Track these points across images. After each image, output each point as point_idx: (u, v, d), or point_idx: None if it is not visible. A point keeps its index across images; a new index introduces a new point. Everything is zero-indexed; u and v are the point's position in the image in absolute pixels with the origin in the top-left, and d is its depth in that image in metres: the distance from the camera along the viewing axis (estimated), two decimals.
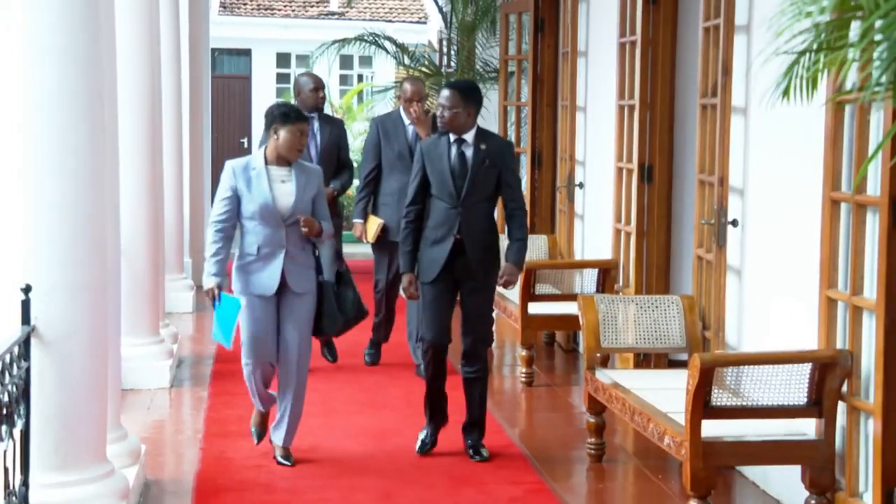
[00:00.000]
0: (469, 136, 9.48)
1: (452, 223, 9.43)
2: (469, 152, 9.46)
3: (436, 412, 9.87)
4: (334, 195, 12.44)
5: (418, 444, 9.85)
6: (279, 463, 9.27)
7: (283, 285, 9.16)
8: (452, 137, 9.50)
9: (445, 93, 9.47)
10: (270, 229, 9.11)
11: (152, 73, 12.29)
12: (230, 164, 9.27)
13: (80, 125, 7.55)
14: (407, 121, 12.40)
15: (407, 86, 12.76)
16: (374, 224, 12.42)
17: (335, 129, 13.16)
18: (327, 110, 16.36)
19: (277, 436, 9.37)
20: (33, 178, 7.40)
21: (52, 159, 7.43)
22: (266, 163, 9.17)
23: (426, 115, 12.21)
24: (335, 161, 12.95)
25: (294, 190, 9.16)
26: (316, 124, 12.81)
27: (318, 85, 12.91)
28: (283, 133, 9.04)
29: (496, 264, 9.65)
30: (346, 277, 9.71)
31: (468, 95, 9.47)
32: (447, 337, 9.72)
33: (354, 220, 12.88)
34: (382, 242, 12.51)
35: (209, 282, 9.06)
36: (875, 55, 4.33)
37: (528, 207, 12.13)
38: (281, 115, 9.11)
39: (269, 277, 9.14)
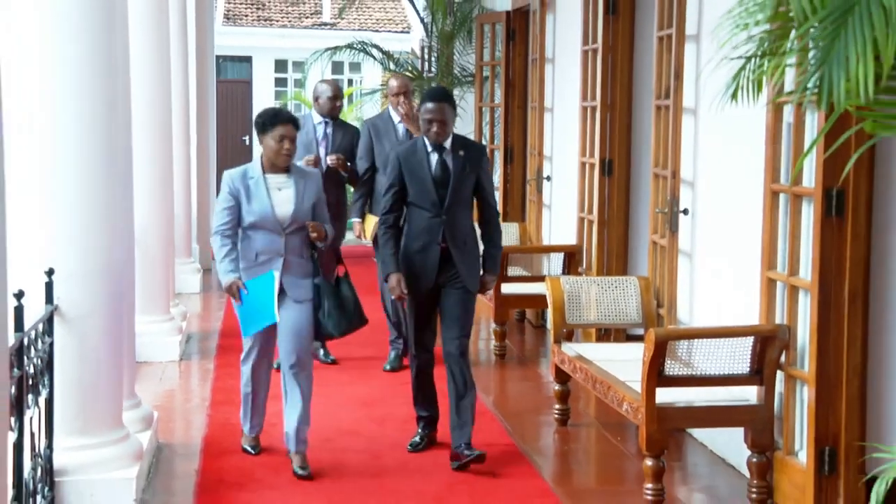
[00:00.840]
0: (447, 143, 8.59)
1: (436, 232, 8.57)
2: (449, 160, 8.57)
3: (425, 408, 9.03)
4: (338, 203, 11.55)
5: (411, 443, 8.99)
6: (297, 475, 8.16)
7: (280, 293, 8.28)
8: (430, 145, 8.59)
9: (436, 105, 8.45)
10: (269, 237, 8.33)
11: (162, 78, 12.28)
12: (228, 174, 8.46)
13: (97, 126, 7.56)
14: (397, 119, 11.45)
15: (392, 81, 11.98)
16: (372, 222, 11.20)
17: (348, 136, 11.94)
18: None
19: (290, 444, 8.35)
20: (54, 175, 7.43)
21: (70, 159, 7.45)
22: (264, 171, 8.34)
23: (414, 112, 11.13)
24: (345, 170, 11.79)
25: (293, 197, 8.32)
26: (329, 129, 11.86)
27: (337, 93, 11.91)
28: (266, 141, 8.23)
29: (478, 267, 8.85)
30: (346, 281, 8.79)
31: (452, 103, 8.65)
32: (434, 342, 8.95)
33: (353, 220, 12.02)
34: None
35: (228, 279, 8.27)
36: (809, 61, 4.35)
37: (500, 198, 12.09)
38: (259, 126, 8.29)
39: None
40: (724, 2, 6.74)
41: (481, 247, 8.97)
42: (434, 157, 8.56)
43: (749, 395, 7.83)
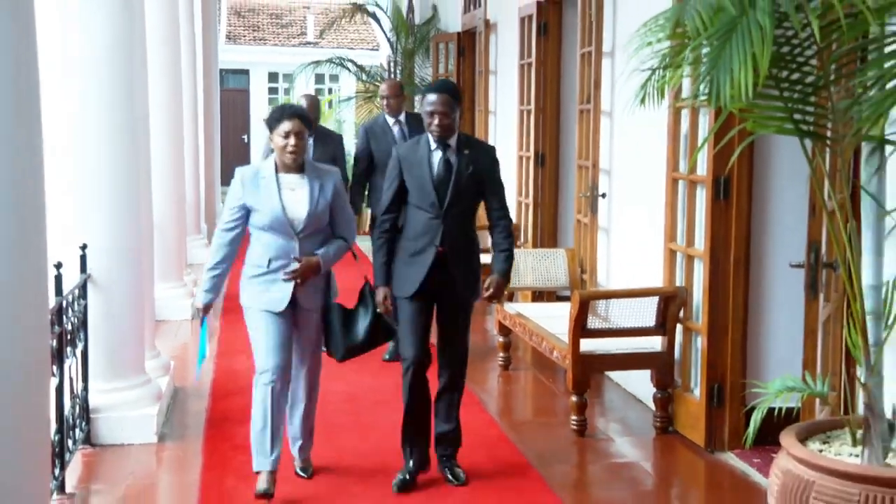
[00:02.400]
0: (452, 141, 6.66)
1: (434, 234, 6.62)
2: (453, 159, 6.65)
3: (417, 443, 6.82)
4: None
5: (396, 482, 6.71)
6: (298, 475, 6.82)
7: (292, 301, 6.44)
8: (433, 143, 6.66)
9: (437, 97, 6.56)
10: (282, 241, 6.40)
11: (175, 88, 12.23)
12: (239, 172, 6.57)
13: (122, 128, 7.59)
14: (391, 121, 9.97)
15: (382, 86, 10.50)
16: (367, 215, 10.22)
17: (330, 146, 10.18)
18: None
19: (295, 451, 6.86)
20: (87, 169, 7.47)
21: (100, 154, 7.48)
22: (276, 170, 6.44)
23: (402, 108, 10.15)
24: None
25: (307, 198, 6.43)
26: (311, 141, 9.38)
27: (310, 105, 10.08)
28: (273, 139, 6.39)
29: (477, 276, 6.91)
30: (366, 296, 6.76)
31: (456, 96, 6.69)
32: (429, 356, 6.77)
33: None
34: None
35: (200, 298, 6.67)
36: (701, 71, 4.38)
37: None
38: (267, 123, 6.50)
39: (279, 293, 6.41)
40: (632, 23, 6.76)
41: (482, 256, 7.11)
42: (437, 155, 6.66)
43: (654, 343, 7.88)
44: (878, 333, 4.44)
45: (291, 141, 6.32)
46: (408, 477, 6.72)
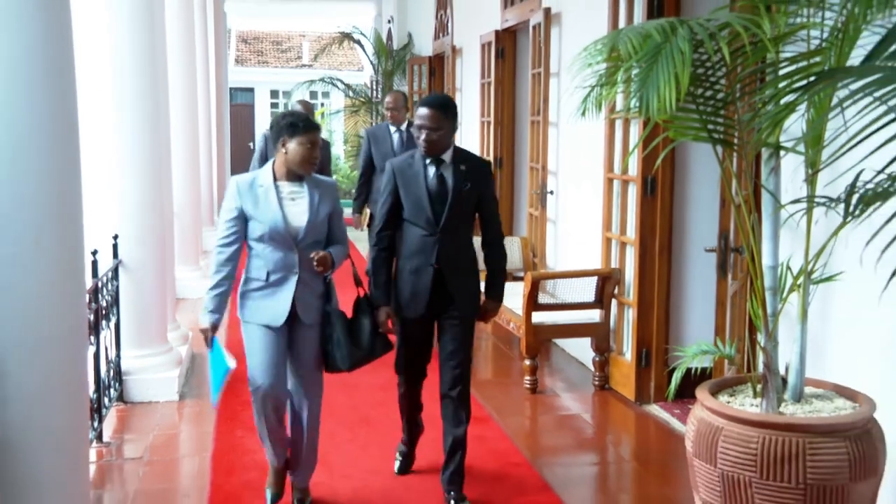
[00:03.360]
0: (447, 157, 5.57)
1: (430, 252, 5.53)
2: (448, 174, 5.54)
3: (410, 437, 6.10)
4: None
5: (397, 464, 6.12)
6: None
7: (291, 315, 5.33)
8: (428, 158, 5.56)
9: (426, 111, 5.47)
10: (281, 253, 5.26)
11: (191, 103, 12.20)
12: (235, 182, 5.37)
13: (148, 137, 7.61)
14: (392, 129, 9.23)
15: (387, 97, 9.50)
16: (366, 215, 9.36)
17: (323, 152, 8.99)
18: None
19: (293, 476, 5.69)
20: (119, 172, 7.52)
21: (129, 160, 7.49)
22: (275, 179, 5.30)
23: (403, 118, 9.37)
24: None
25: (307, 208, 5.31)
26: None
27: (307, 111, 9.59)
28: (292, 145, 5.20)
29: (477, 294, 5.80)
30: (363, 305, 5.63)
31: (448, 112, 5.53)
32: (425, 372, 5.86)
33: (353, 214, 9.81)
34: (372, 230, 8.41)
35: (205, 319, 5.29)
36: (632, 88, 4.39)
37: None
38: (288, 127, 5.24)
39: (278, 306, 5.30)
40: (574, 48, 6.76)
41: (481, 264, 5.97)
42: (431, 171, 5.55)
43: (593, 316, 7.91)
44: (774, 305, 4.48)
45: (315, 153, 5.27)
46: (406, 457, 6.10)
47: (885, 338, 4.70)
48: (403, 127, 9.12)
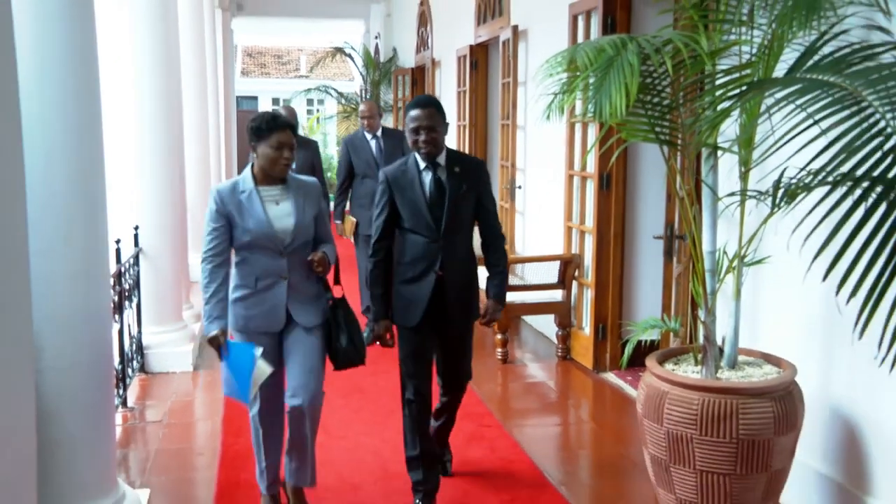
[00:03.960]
0: (442, 159, 4.73)
1: (433, 258, 4.71)
2: (444, 178, 4.71)
3: (429, 477, 4.93)
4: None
5: None
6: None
7: (287, 320, 4.57)
8: (422, 163, 4.71)
9: (421, 112, 4.64)
10: (269, 258, 4.49)
11: (203, 110, 12.15)
12: (215, 190, 4.53)
13: (165, 139, 7.59)
14: (369, 136, 8.51)
15: (362, 106, 8.75)
16: (350, 223, 8.50)
17: (309, 151, 8.92)
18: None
19: (290, 477, 4.79)
20: (140, 171, 7.50)
21: (148, 160, 7.49)
22: (256, 183, 4.53)
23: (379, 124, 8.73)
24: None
25: (293, 210, 4.53)
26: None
27: (290, 115, 8.75)
28: (261, 149, 4.45)
29: (477, 299, 5.02)
30: (343, 306, 4.70)
31: (441, 110, 4.72)
32: (430, 383, 4.90)
33: (335, 221, 8.69)
34: (360, 236, 8.31)
35: (212, 328, 4.40)
36: (588, 95, 4.42)
37: None
38: (254, 131, 4.48)
39: (272, 313, 4.53)
40: (539, 60, 6.80)
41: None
42: (427, 176, 4.71)
43: (556, 295, 7.92)
44: (713, 285, 4.51)
45: (285, 153, 4.48)
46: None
47: (806, 313, 4.76)
48: (379, 133, 8.59)
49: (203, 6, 12.30)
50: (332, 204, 8.39)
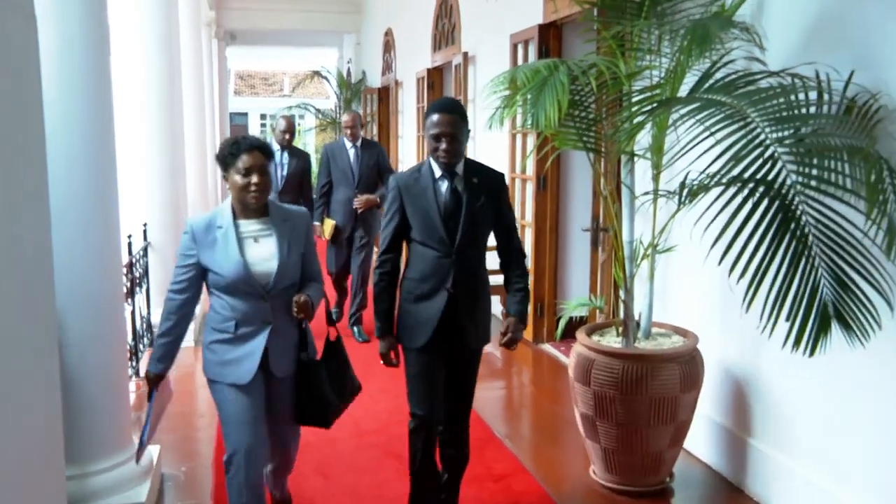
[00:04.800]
0: (460, 169, 3.72)
1: (445, 275, 3.69)
2: (461, 188, 3.70)
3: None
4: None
5: None
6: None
7: (264, 367, 3.52)
8: (438, 171, 3.69)
9: (444, 117, 3.59)
10: (250, 303, 3.44)
11: (201, 125, 12.04)
12: (190, 226, 3.47)
13: (168, 149, 7.50)
14: (349, 145, 7.60)
15: (345, 116, 7.73)
16: (329, 225, 7.69)
17: (301, 161, 8.02)
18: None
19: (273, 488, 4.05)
20: (148, 177, 7.42)
21: (156, 167, 7.40)
22: (235, 217, 3.47)
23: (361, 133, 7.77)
24: (299, 189, 7.94)
25: (275, 250, 3.46)
26: (285, 156, 7.93)
27: (288, 128, 8.05)
28: (231, 177, 3.37)
29: (489, 321, 3.95)
30: (338, 348, 3.78)
31: (464, 116, 3.67)
32: (441, 411, 3.84)
33: (314, 223, 7.59)
34: (336, 240, 7.79)
35: (152, 368, 3.58)
36: (527, 108, 4.44)
37: None
38: (221, 160, 3.40)
39: (245, 361, 3.47)
40: (485, 80, 6.81)
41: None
42: (443, 185, 3.70)
43: (501, 280, 7.82)
44: (631, 270, 4.55)
45: (254, 178, 3.38)
46: None
47: (705, 291, 4.83)
48: (359, 143, 7.72)
49: (202, 37, 12.22)
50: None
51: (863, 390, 3.73)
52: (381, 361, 3.81)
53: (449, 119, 3.60)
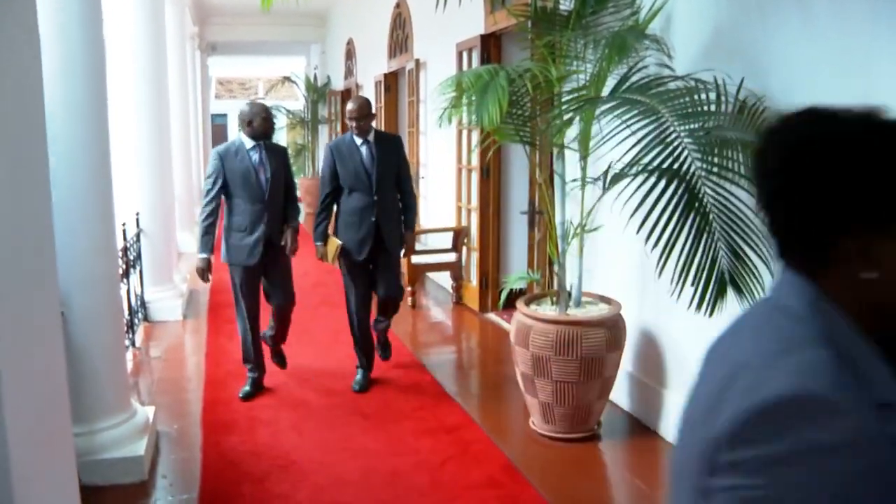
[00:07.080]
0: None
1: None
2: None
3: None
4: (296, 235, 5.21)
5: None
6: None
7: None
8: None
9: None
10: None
11: (186, 124, 11.88)
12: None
13: (157, 144, 7.40)
14: (359, 141, 5.13)
15: (350, 104, 5.13)
16: (333, 246, 5.23)
17: (280, 155, 5.12)
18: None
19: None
20: (140, 168, 7.29)
21: (146, 160, 7.30)
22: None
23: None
24: (284, 188, 5.16)
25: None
26: (263, 153, 5.05)
27: (269, 114, 5.22)
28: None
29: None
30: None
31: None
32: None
33: (316, 244, 5.27)
34: (347, 264, 5.28)
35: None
36: (472, 108, 4.46)
37: None
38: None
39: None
40: (434, 83, 6.80)
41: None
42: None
43: (451, 257, 7.89)
44: (563, 247, 4.56)
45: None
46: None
47: (626, 264, 4.89)
48: (371, 138, 5.21)
49: (186, 48, 12.04)
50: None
51: None
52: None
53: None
